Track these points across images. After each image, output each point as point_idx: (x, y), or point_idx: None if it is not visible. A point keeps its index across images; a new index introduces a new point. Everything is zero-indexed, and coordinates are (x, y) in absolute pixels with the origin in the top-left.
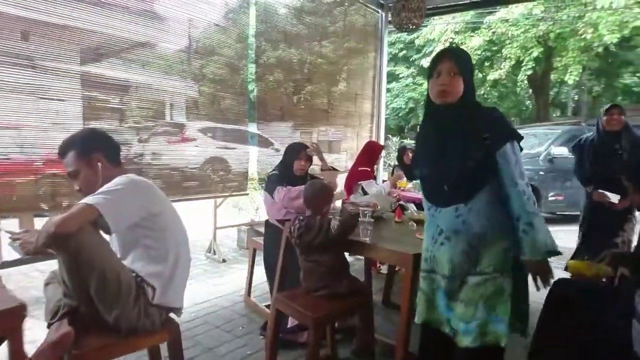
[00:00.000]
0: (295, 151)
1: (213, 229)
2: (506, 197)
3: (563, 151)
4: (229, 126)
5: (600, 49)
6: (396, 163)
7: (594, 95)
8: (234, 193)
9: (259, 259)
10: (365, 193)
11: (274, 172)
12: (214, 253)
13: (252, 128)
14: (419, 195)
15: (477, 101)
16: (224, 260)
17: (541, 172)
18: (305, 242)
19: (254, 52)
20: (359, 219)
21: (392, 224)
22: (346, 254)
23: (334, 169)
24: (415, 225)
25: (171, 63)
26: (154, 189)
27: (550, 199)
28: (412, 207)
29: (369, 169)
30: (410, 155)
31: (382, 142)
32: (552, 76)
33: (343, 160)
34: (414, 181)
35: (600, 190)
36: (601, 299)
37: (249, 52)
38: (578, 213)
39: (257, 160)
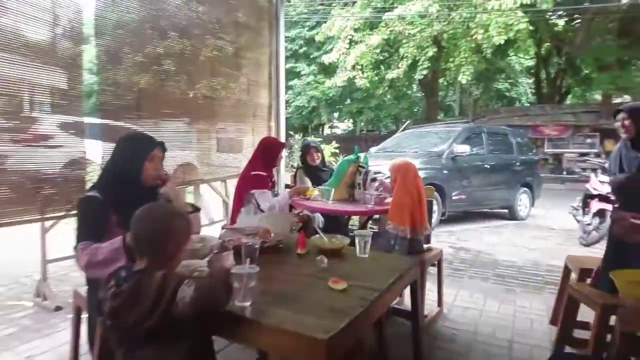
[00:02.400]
0: (146, 145)
1: (42, 263)
2: None
3: (465, 149)
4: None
5: (489, 51)
6: (300, 164)
7: (474, 98)
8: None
9: None
10: (259, 206)
11: (90, 192)
12: (45, 298)
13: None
14: (329, 205)
15: None
16: (58, 308)
17: (445, 171)
18: (126, 325)
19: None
20: (233, 271)
21: (293, 260)
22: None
23: (196, 208)
24: (325, 260)
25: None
26: None
27: (454, 198)
28: (318, 217)
29: (264, 174)
30: (316, 154)
31: (282, 139)
32: (440, 80)
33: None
34: (322, 187)
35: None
36: None
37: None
38: (479, 210)
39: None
